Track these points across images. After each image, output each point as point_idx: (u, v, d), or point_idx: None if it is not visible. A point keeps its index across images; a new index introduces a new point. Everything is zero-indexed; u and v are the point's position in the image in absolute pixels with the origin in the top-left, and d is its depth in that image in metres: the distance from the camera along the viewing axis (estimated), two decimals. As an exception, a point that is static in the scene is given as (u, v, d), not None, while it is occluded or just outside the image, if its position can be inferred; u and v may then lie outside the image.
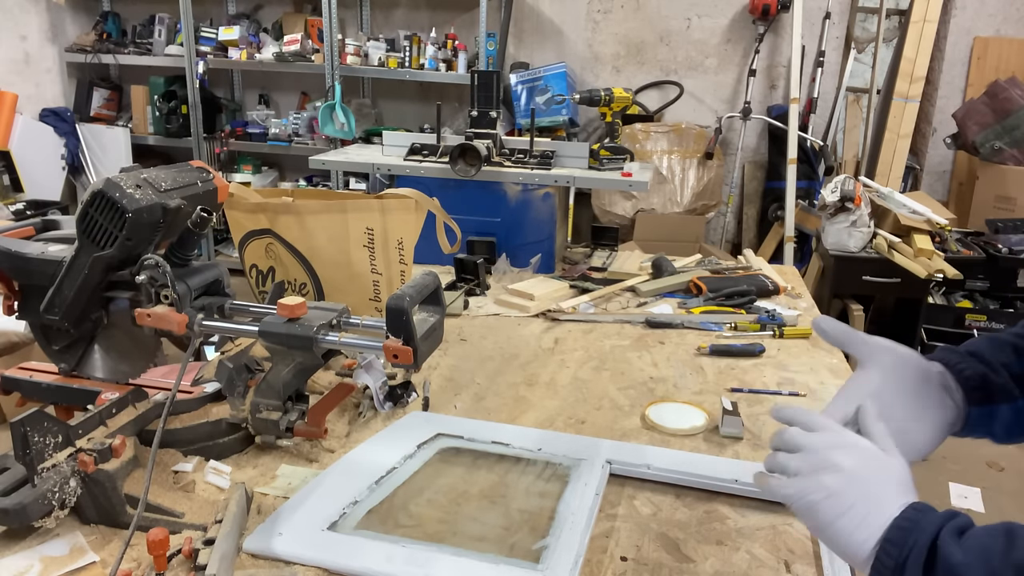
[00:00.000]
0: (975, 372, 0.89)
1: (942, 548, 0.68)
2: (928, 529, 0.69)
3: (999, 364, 0.90)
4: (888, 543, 0.71)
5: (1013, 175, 3.94)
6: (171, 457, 1.11)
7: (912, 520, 0.71)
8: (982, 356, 0.91)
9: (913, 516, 0.71)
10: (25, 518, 0.92)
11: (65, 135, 4.78)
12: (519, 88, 4.37)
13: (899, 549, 0.70)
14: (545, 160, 2.18)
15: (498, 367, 1.56)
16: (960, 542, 0.68)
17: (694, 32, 4.60)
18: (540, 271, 2.14)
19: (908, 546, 0.69)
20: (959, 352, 0.92)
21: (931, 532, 0.69)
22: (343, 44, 4.50)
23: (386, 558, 0.93)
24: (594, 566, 0.96)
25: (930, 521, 0.70)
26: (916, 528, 0.70)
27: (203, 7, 4.91)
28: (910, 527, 0.70)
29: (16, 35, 4.66)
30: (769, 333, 1.76)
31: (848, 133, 4.46)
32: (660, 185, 4.36)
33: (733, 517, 1.07)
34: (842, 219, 3.46)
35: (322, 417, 1.16)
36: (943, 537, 0.68)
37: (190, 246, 1.16)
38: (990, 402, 0.89)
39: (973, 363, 0.90)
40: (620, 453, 1.19)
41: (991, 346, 0.92)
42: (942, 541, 0.68)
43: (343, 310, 1.13)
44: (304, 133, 4.75)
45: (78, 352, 1.20)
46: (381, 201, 1.58)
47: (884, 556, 0.71)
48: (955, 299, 3.55)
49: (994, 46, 4.36)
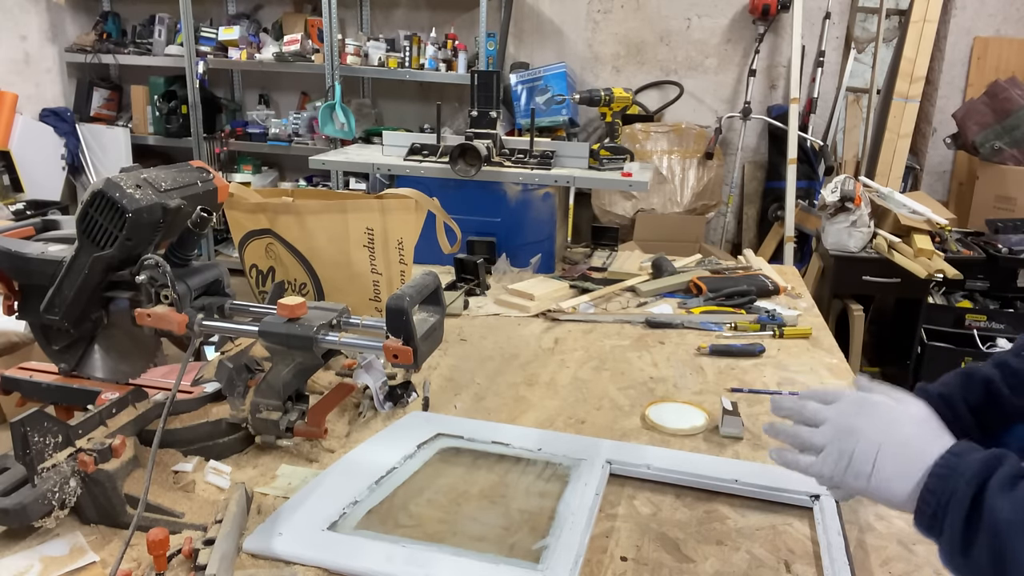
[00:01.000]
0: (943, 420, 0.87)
1: (989, 499, 0.63)
2: (967, 475, 0.65)
3: (967, 407, 0.90)
4: (927, 491, 0.68)
5: (1013, 175, 3.94)
6: (171, 457, 1.11)
7: (950, 467, 0.67)
8: (951, 402, 0.90)
9: (951, 462, 0.68)
10: (25, 518, 0.92)
11: (65, 135, 4.77)
12: (519, 88, 4.37)
13: (938, 497, 0.67)
14: (545, 160, 2.18)
15: (498, 367, 1.56)
16: (1012, 494, 0.62)
17: (694, 32, 4.59)
18: (540, 271, 2.14)
19: (947, 494, 0.66)
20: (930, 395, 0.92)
21: (971, 479, 0.65)
22: (343, 44, 4.49)
23: (386, 558, 0.93)
24: (594, 566, 0.95)
25: (971, 466, 0.66)
26: (955, 475, 0.66)
27: (203, 7, 4.91)
28: (948, 474, 0.67)
29: (16, 35, 4.65)
30: (769, 333, 1.76)
31: (848, 133, 4.46)
32: (660, 185, 4.36)
33: (733, 517, 1.07)
34: (842, 219, 3.46)
35: (322, 417, 1.16)
36: (992, 487, 0.64)
37: (190, 246, 1.16)
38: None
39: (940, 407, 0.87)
40: (620, 453, 1.19)
41: (964, 385, 0.92)
42: (990, 492, 0.63)
43: (343, 310, 1.13)
44: (304, 133, 4.74)
45: (78, 352, 1.20)
46: (381, 201, 1.58)
47: (924, 505, 0.68)
48: (955, 299, 3.54)
49: (994, 46, 4.35)
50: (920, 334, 3.41)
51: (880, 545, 1.02)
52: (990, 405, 0.90)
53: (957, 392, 0.92)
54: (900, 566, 0.97)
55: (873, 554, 1.00)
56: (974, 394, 0.91)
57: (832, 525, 1.02)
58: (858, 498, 1.11)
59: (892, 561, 0.98)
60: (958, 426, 0.89)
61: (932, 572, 0.96)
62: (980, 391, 0.91)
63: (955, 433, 0.86)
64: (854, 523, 1.06)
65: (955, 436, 0.86)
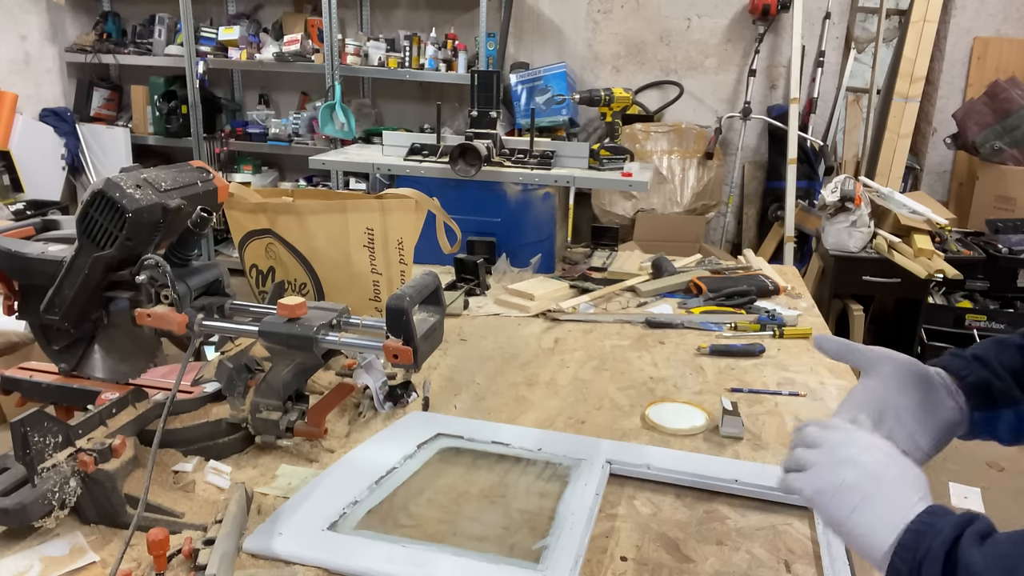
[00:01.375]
0: (978, 378, 0.90)
1: (962, 554, 0.66)
2: (943, 532, 0.68)
3: (1003, 368, 0.90)
4: (902, 548, 0.69)
5: (1013, 175, 3.94)
6: (171, 457, 1.11)
7: (927, 523, 0.69)
8: (986, 361, 0.91)
9: (928, 520, 0.70)
10: (25, 518, 0.92)
11: (65, 135, 4.78)
12: (519, 88, 4.37)
13: (913, 554, 0.68)
14: (545, 160, 2.18)
15: (498, 367, 1.56)
16: (981, 548, 0.65)
17: (694, 32, 4.59)
18: (540, 271, 2.14)
19: (923, 551, 0.68)
20: (964, 356, 0.93)
21: (947, 536, 0.67)
22: (343, 44, 4.50)
23: (386, 558, 0.93)
24: (594, 566, 0.95)
25: (946, 524, 0.68)
26: (931, 531, 0.68)
27: (203, 7, 4.91)
28: (924, 530, 0.69)
29: (16, 35, 4.66)
30: (769, 333, 1.76)
31: (848, 133, 4.46)
32: (660, 185, 4.36)
33: (733, 517, 1.07)
34: (842, 219, 3.46)
35: (322, 417, 1.16)
36: (964, 542, 0.66)
37: (190, 246, 1.16)
38: (993, 407, 0.89)
39: (977, 368, 0.90)
40: (620, 453, 1.19)
41: (997, 349, 0.92)
42: (963, 546, 0.66)
43: (343, 310, 1.13)
44: (304, 133, 4.75)
45: (78, 352, 1.20)
46: (381, 201, 1.58)
47: (898, 561, 0.69)
48: (955, 299, 3.55)
49: (994, 46, 4.36)
50: (920, 334, 3.41)
51: (880, 545, 1.01)
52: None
53: (992, 355, 0.92)
54: (900, 566, 0.97)
55: (873, 554, 1.00)
56: (1008, 357, 0.91)
57: (832, 525, 1.02)
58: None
59: (892, 561, 0.98)
60: (1000, 385, 0.89)
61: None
62: (1014, 355, 0.91)
63: (997, 392, 0.89)
64: (854, 523, 1.06)
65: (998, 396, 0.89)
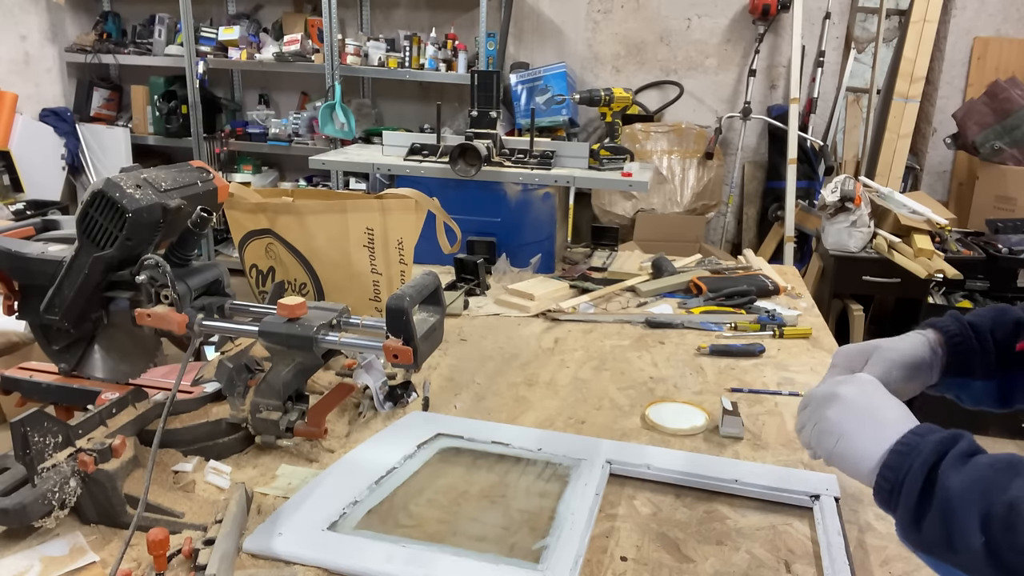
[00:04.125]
0: (966, 347, 0.94)
1: (942, 474, 0.67)
2: (925, 453, 0.70)
3: (993, 341, 0.94)
4: (886, 468, 0.72)
5: (1013, 175, 3.94)
6: (171, 457, 1.11)
7: (910, 444, 0.72)
8: (980, 330, 0.95)
9: (911, 440, 0.72)
10: (25, 518, 0.92)
11: (65, 135, 4.77)
12: (519, 88, 4.37)
13: (895, 473, 0.71)
14: (545, 160, 2.18)
15: (498, 367, 1.56)
16: (960, 471, 0.67)
17: (694, 32, 4.59)
18: (540, 271, 2.14)
19: (904, 470, 0.70)
20: (961, 321, 0.96)
21: (928, 456, 0.69)
22: (343, 44, 4.49)
23: (386, 558, 0.93)
24: (594, 566, 0.95)
25: (928, 444, 0.70)
26: (913, 451, 0.71)
27: (203, 7, 4.91)
28: (907, 451, 0.71)
29: (16, 35, 4.65)
30: (769, 333, 1.76)
31: (848, 133, 4.46)
32: (660, 185, 4.36)
33: (733, 517, 1.07)
34: (842, 219, 3.46)
35: (322, 417, 1.16)
36: (945, 462, 0.68)
37: (190, 246, 1.16)
38: (969, 375, 0.94)
39: (969, 337, 0.94)
40: (620, 453, 1.19)
41: (994, 318, 0.96)
42: (944, 467, 0.68)
43: (343, 310, 1.13)
44: (304, 133, 4.74)
45: (78, 352, 1.20)
46: (381, 201, 1.58)
47: (882, 480, 0.72)
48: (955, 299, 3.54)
49: (994, 46, 4.35)
50: (920, 334, 3.41)
51: (880, 545, 1.02)
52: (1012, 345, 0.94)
53: (987, 324, 0.96)
54: (900, 566, 0.97)
55: (873, 554, 1.00)
56: (1003, 330, 0.95)
57: (832, 525, 1.02)
58: (858, 498, 1.12)
59: (892, 561, 0.98)
60: (981, 359, 0.94)
61: (932, 572, 0.96)
62: (1010, 329, 0.95)
63: (976, 364, 0.94)
64: (854, 523, 1.06)
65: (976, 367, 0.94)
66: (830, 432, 0.78)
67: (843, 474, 0.83)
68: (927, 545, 0.69)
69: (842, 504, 1.08)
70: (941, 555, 0.68)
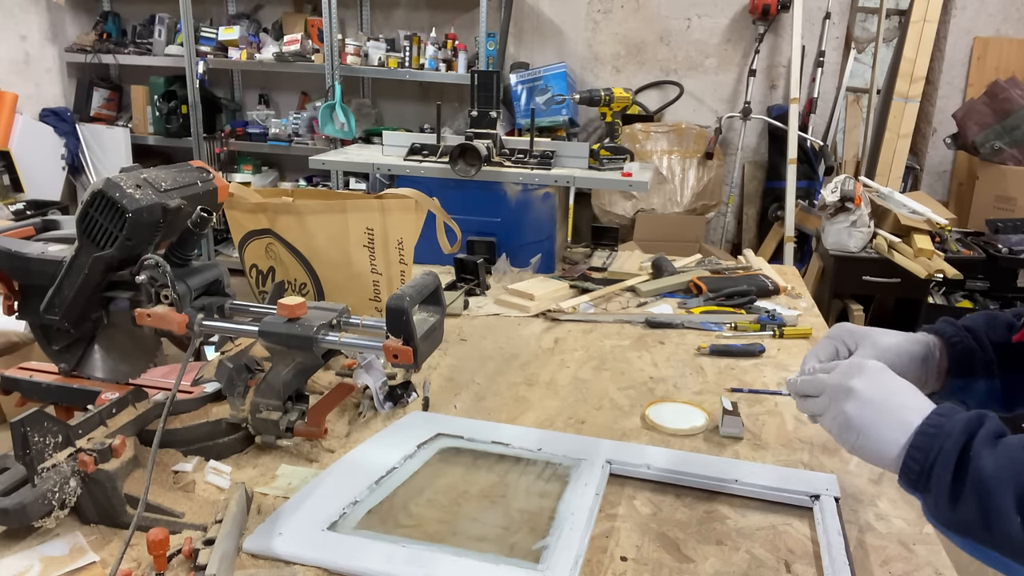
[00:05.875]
0: (965, 347, 0.95)
1: (975, 455, 0.67)
2: (955, 433, 0.69)
3: (989, 341, 0.96)
4: (914, 449, 0.72)
5: (1013, 175, 3.94)
6: (171, 457, 1.11)
7: (936, 425, 0.71)
8: (976, 332, 0.97)
9: (937, 421, 0.72)
10: (25, 518, 0.92)
11: (65, 135, 4.77)
12: (519, 88, 4.37)
13: (925, 455, 0.71)
14: (545, 160, 2.18)
15: (498, 367, 1.56)
16: (994, 451, 0.67)
17: (694, 32, 4.59)
18: (540, 271, 2.14)
19: (935, 451, 0.70)
20: (956, 325, 0.98)
21: (959, 436, 0.69)
22: (343, 44, 4.49)
23: (386, 558, 0.93)
24: (594, 566, 0.95)
25: (957, 424, 0.70)
26: (942, 432, 0.70)
27: (203, 7, 4.91)
28: (936, 432, 0.71)
29: (16, 35, 4.65)
30: (769, 333, 1.76)
31: (848, 133, 4.46)
32: (660, 185, 4.36)
33: (733, 517, 1.07)
34: (842, 219, 3.46)
35: (322, 417, 1.16)
36: (977, 443, 0.68)
37: (190, 246, 1.16)
38: (971, 375, 0.95)
39: (966, 338, 0.96)
40: (620, 453, 1.19)
41: (987, 323, 0.98)
42: (976, 448, 0.68)
43: (343, 310, 1.13)
44: (304, 133, 4.75)
45: (78, 352, 1.20)
46: (381, 201, 1.58)
47: (911, 462, 0.72)
48: (955, 299, 3.54)
49: (994, 46, 4.35)
50: (920, 334, 3.41)
51: (880, 545, 1.02)
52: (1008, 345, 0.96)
53: (981, 326, 0.98)
54: (900, 566, 0.97)
55: (873, 554, 1.00)
56: (996, 333, 0.97)
57: (832, 525, 1.02)
58: (858, 498, 1.12)
59: (892, 561, 0.98)
60: (982, 357, 0.95)
61: (932, 572, 0.96)
62: (1002, 331, 0.97)
63: (978, 364, 0.95)
64: (854, 523, 1.06)
65: (978, 367, 0.95)
66: (850, 427, 0.78)
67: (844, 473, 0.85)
68: (961, 526, 0.69)
69: (842, 504, 1.08)
70: (976, 535, 0.68)
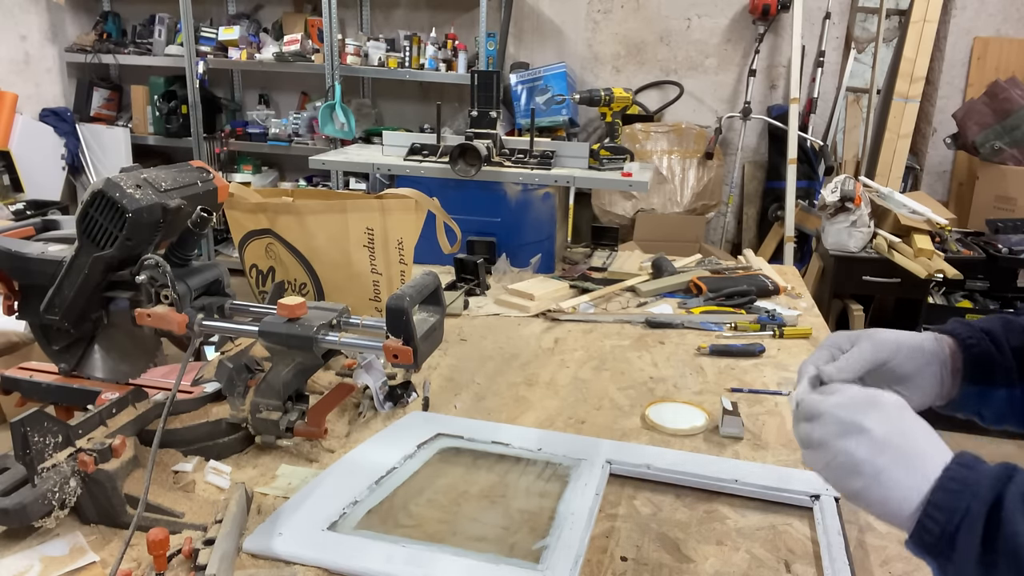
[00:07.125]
0: (983, 350, 0.86)
1: (1007, 519, 0.58)
2: (982, 492, 0.59)
3: (1008, 347, 0.86)
4: (933, 507, 0.61)
5: (1013, 175, 3.94)
6: (171, 457, 1.11)
7: (960, 480, 0.61)
8: (994, 335, 0.87)
9: (960, 475, 0.62)
10: (25, 518, 0.92)
11: (65, 135, 4.77)
12: (519, 88, 4.37)
13: (948, 515, 0.60)
14: (545, 160, 2.18)
15: (498, 367, 1.56)
16: None
17: (694, 32, 4.59)
18: (540, 271, 2.14)
19: (960, 512, 0.60)
20: (972, 326, 0.88)
21: (987, 495, 0.59)
22: (343, 44, 4.50)
23: (386, 558, 0.93)
24: (594, 566, 0.95)
25: (984, 479, 0.60)
26: (967, 489, 0.60)
27: (203, 7, 4.91)
28: (959, 489, 0.61)
29: (16, 35, 4.65)
30: (769, 333, 1.76)
31: (848, 133, 4.46)
32: (660, 185, 4.36)
33: (733, 517, 1.07)
34: (842, 219, 3.46)
35: (322, 417, 1.16)
36: (1009, 504, 0.58)
37: (190, 246, 1.16)
38: (989, 383, 0.86)
39: (984, 340, 0.86)
40: (620, 453, 1.19)
41: (1004, 327, 0.89)
42: (1008, 509, 0.58)
43: (343, 310, 1.13)
44: (304, 133, 4.75)
45: (78, 352, 1.20)
46: (381, 201, 1.58)
47: (929, 522, 0.61)
48: (955, 299, 3.54)
49: (994, 46, 4.35)
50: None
51: (880, 545, 1.02)
52: None
53: (999, 329, 0.88)
54: (900, 566, 0.97)
55: (873, 554, 1.00)
56: (1015, 336, 0.87)
57: (832, 525, 1.02)
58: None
59: (892, 561, 0.98)
60: (1002, 363, 0.86)
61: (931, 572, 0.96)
62: (1020, 336, 0.87)
63: (998, 370, 0.85)
64: (854, 523, 1.06)
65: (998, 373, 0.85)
66: (854, 471, 0.66)
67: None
68: None
69: (842, 504, 1.08)
70: None
